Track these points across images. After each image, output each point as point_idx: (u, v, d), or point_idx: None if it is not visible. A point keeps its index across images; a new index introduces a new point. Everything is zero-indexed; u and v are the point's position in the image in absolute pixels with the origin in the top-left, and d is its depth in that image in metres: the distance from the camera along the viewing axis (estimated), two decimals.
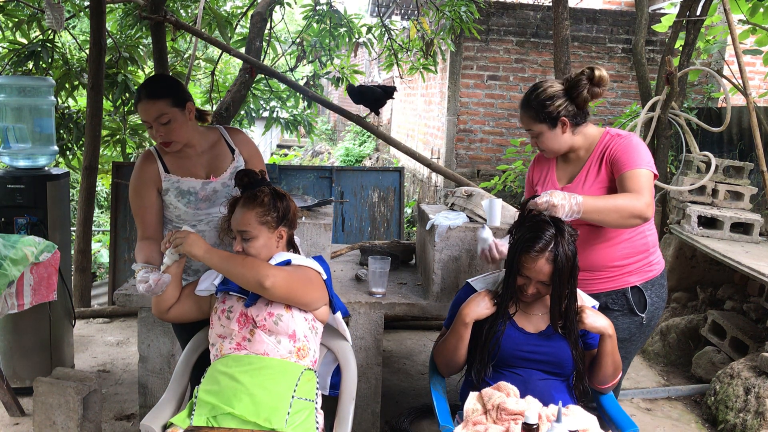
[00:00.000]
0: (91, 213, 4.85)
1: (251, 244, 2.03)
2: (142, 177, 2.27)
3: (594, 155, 2.23)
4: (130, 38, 5.91)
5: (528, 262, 1.93)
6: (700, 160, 4.30)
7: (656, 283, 2.30)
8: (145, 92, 2.15)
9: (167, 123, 2.15)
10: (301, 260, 2.10)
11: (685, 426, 3.32)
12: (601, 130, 2.28)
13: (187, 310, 2.16)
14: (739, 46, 3.94)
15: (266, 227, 2.04)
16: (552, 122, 2.18)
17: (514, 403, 1.89)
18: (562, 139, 2.21)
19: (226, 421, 1.86)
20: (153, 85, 2.20)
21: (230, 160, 2.33)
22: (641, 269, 2.27)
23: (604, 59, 7.40)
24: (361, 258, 3.37)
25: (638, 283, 2.27)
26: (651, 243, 2.29)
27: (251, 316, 2.02)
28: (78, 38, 6.41)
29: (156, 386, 2.80)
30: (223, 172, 2.31)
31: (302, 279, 2.03)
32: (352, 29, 6.18)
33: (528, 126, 2.23)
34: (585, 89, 2.14)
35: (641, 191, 2.04)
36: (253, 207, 2.03)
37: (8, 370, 3.25)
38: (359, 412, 2.78)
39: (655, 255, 2.32)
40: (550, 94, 2.17)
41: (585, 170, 2.23)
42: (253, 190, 2.06)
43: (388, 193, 5.33)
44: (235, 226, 2.04)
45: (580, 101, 2.16)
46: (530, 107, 2.19)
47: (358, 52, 7.08)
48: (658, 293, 2.31)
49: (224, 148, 2.35)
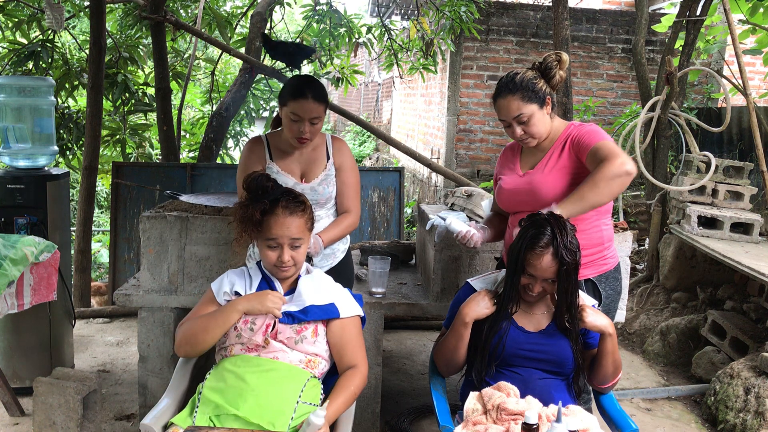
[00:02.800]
0: (91, 213, 4.85)
1: (300, 251, 2.05)
2: (251, 155, 2.47)
3: (557, 143, 2.27)
4: (130, 38, 5.92)
5: (533, 259, 1.92)
6: (700, 160, 4.30)
7: (610, 277, 2.33)
8: (312, 93, 2.32)
9: (316, 123, 2.35)
10: (349, 302, 2.12)
11: (685, 426, 3.32)
12: (567, 122, 2.33)
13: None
14: (739, 46, 3.94)
15: (310, 232, 2.09)
16: (541, 101, 2.22)
17: (514, 403, 1.89)
18: (547, 120, 2.26)
19: (229, 422, 1.86)
20: (317, 88, 2.35)
21: (323, 167, 2.48)
22: (595, 262, 2.28)
23: (604, 59, 7.40)
24: (361, 258, 3.37)
25: (592, 276, 2.28)
26: (606, 237, 2.31)
27: (276, 330, 2.01)
28: (78, 38, 6.42)
29: (156, 386, 2.80)
30: (315, 177, 2.47)
31: (363, 345, 2.13)
32: (352, 29, 6.18)
33: (517, 111, 2.21)
34: (557, 71, 2.23)
35: (611, 154, 2.06)
36: (303, 214, 2.04)
37: (8, 370, 3.25)
38: (359, 412, 2.78)
39: (610, 250, 2.34)
40: (532, 75, 2.23)
41: (547, 157, 2.27)
42: (293, 196, 2.06)
43: (388, 193, 5.32)
44: (285, 234, 2.01)
45: (555, 83, 2.25)
46: (519, 89, 2.20)
47: (358, 52, 7.08)
48: (612, 286, 2.34)
49: (323, 153, 2.50)
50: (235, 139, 7.35)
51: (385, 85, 13.30)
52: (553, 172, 2.23)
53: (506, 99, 2.22)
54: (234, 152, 7.45)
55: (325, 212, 2.53)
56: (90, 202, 4.81)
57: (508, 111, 2.23)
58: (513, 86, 2.21)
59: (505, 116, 2.25)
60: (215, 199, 2.95)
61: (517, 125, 2.24)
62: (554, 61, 2.24)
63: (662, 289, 4.60)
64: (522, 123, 2.23)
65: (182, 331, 2.07)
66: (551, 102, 2.25)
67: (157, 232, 2.73)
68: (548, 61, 2.24)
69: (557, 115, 2.34)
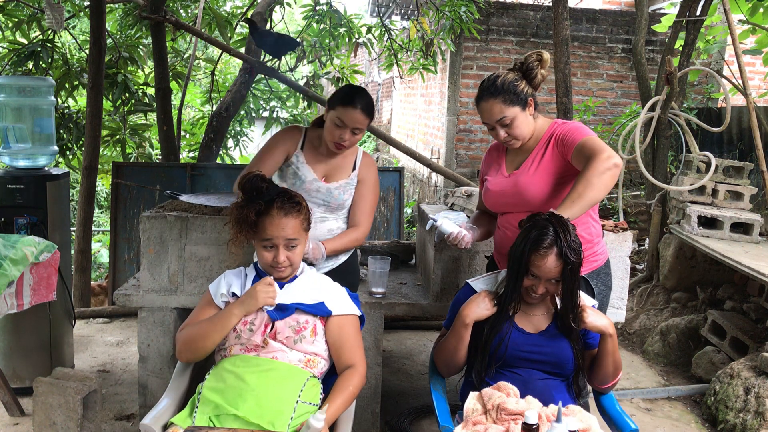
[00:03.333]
0: (91, 213, 4.85)
1: (297, 252, 2.05)
2: (285, 137, 2.51)
3: (541, 142, 2.28)
4: (130, 38, 5.91)
5: (538, 260, 1.92)
6: (700, 160, 4.30)
7: (601, 272, 2.35)
8: (361, 104, 2.36)
9: (357, 133, 2.41)
10: (343, 301, 2.12)
11: (685, 426, 3.32)
12: (549, 120, 2.34)
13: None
14: (739, 46, 3.95)
15: (306, 232, 2.09)
16: (523, 104, 2.23)
17: (514, 403, 1.89)
18: (530, 121, 2.27)
19: (229, 422, 1.86)
20: (367, 101, 2.39)
21: (346, 176, 2.53)
22: (587, 259, 2.27)
23: (604, 59, 7.40)
24: (361, 258, 3.37)
25: (584, 272, 2.28)
26: (595, 233, 2.33)
27: (275, 330, 2.02)
28: (78, 38, 6.42)
29: (156, 386, 2.80)
30: (335, 181, 2.51)
31: (362, 345, 2.14)
32: (352, 29, 6.18)
33: (500, 114, 2.22)
34: (539, 71, 2.24)
35: (596, 149, 2.07)
36: (298, 215, 2.04)
37: (8, 370, 3.25)
38: (359, 412, 2.77)
39: (600, 245, 2.36)
40: (513, 78, 2.23)
41: (532, 157, 2.28)
42: (288, 196, 2.06)
43: (388, 193, 5.32)
44: (281, 235, 2.01)
45: (536, 83, 2.26)
46: (501, 93, 2.21)
47: (358, 52, 7.09)
48: (603, 281, 2.36)
49: (350, 164, 2.56)
50: (235, 139, 7.35)
51: (385, 85, 13.30)
52: (538, 172, 2.24)
53: (488, 102, 2.23)
54: (234, 152, 7.45)
55: (333, 216, 2.55)
56: (90, 202, 4.81)
57: (490, 114, 2.24)
58: (494, 90, 2.22)
59: (488, 119, 2.26)
60: (215, 199, 2.95)
61: (500, 128, 2.25)
62: (535, 61, 2.24)
63: (662, 289, 4.60)
64: (505, 126, 2.24)
65: (182, 338, 2.07)
66: (533, 102, 2.26)
67: (157, 232, 2.73)
68: (529, 61, 2.25)
69: (562, 116, 2.35)
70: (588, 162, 2.06)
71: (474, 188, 3.12)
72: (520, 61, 2.27)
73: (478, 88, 2.29)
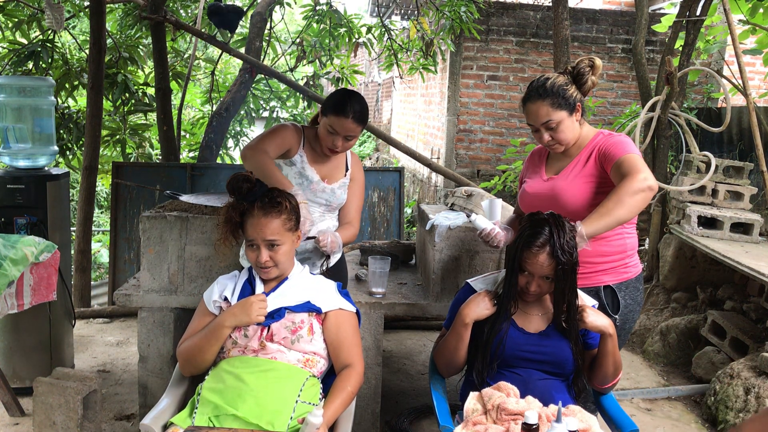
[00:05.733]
0: (91, 213, 4.85)
1: (279, 251, 2.03)
2: (287, 132, 2.44)
3: (584, 150, 2.25)
4: (130, 38, 5.92)
5: (530, 257, 1.93)
6: (700, 160, 4.30)
7: (630, 286, 2.30)
8: (353, 114, 2.36)
9: (350, 140, 2.42)
10: (331, 297, 2.11)
11: (685, 426, 3.32)
12: (596, 129, 2.31)
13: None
14: (739, 46, 3.94)
15: (290, 232, 2.06)
16: (571, 108, 2.20)
17: (514, 403, 1.89)
18: (576, 126, 2.24)
19: (228, 422, 1.86)
20: (360, 108, 2.39)
21: (343, 175, 2.58)
22: (616, 269, 2.27)
23: (604, 59, 7.39)
24: (361, 258, 3.37)
25: (612, 283, 2.26)
26: (629, 245, 2.29)
27: (271, 333, 2.02)
28: (78, 38, 6.42)
29: (156, 386, 2.80)
30: (335, 181, 2.54)
31: (359, 343, 2.14)
32: (352, 29, 6.18)
33: (546, 117, 2.19)
34: (590, 76, 2.21)
35: (634, 168, 2.04)
36: (278, 215, 2.02)
37: (8, 370, 3.25)
38: (359, 412, 2.77)
39: (633, 258, 2.31)
40: (563, 81, 2.20)
41: (573, 163, 2.26)
42: (270, 197, 2.04)
43: (388, 193, 5.32)
44: (260, 236, 2.00)
45: (586, 89, 2.23)
46: (549, 95, 2.18)
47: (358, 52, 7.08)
48: (632, 296, 2.30)
49: (343, 163, 2.60)
50: (235, 139, 7.36)
51: (385, 85, 13.30)
52: (577, 179, 2.22)
53: (536, 104, 2.20)
54: (234, 152, 7.45)
55: (330, 215, 2.58)
56: (90, 202, 4.81)
57: (537, 116, 2.21)
58: (543, 92, 2.19)
59: (534, 121, 2.23)
60: (215, 199, 2.95)
61: (545, 131, 2.22)
62: (587, 66, 2.21)
63: (662, 289, 4.60)
64: (550, 129, 2.21)
65: (181, 354, 2.09)
66: (581, 108, 2.23)
67: (157, 232, 2.73)
68: (580, 66, 2.21)
69: None
70: (623, 180, 2.03)
71: (474, 188, 3.12)
72: (572, 66, 2.24)
73: (527, 89, 2.26)
